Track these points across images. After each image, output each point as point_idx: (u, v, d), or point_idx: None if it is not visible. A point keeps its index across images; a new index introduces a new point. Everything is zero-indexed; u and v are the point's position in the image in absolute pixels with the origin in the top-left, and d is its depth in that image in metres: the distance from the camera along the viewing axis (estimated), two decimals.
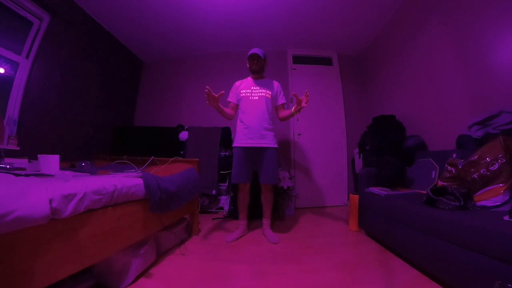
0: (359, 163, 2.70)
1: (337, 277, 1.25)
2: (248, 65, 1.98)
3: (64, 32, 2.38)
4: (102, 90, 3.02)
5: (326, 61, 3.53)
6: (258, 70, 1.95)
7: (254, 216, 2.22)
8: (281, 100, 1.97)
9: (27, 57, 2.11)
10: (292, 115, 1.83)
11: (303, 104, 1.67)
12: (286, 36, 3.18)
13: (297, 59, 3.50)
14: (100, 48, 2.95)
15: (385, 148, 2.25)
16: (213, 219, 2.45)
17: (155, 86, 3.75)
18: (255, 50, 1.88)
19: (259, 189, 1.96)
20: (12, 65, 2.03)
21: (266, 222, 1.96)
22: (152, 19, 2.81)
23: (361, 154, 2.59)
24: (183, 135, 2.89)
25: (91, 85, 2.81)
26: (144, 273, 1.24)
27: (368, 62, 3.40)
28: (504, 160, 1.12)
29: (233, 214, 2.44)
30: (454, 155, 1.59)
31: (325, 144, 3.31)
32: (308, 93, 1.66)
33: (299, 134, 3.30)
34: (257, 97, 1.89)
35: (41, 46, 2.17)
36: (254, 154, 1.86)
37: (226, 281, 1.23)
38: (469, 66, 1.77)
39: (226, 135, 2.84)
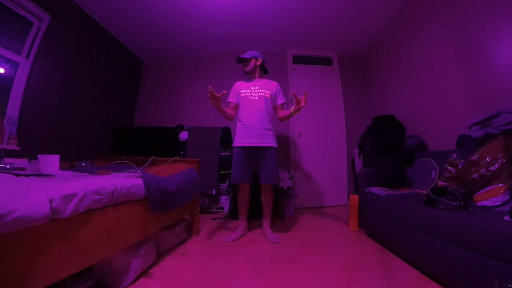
0: (359, 163, 2.70)
1: (337, 277, 1.25)
2: None
3: (64, 32, 2.38)
4: (102, 90, 3.02)
5: (326, 61, 3.53)
6: (250, 71, 1.96)
7: (254, 216, 2.22)
8: (280, 100, 1.97)
9: (27, 57, 2.11)
10: (291, 115, 1.83)
11: (302, 103, 1.68)
12: (286, 36, 3.18)
13: (297, 59, 3.50)
14: (100, 48, 2.95)
15: (385, 148, 2.25)
16: (213, 219, 2.45)
17: (155, 86, 3.75)
18: (240, 55, 1.96)
19: (259, 189, 1.96)
20: (12, 65, 2.03)
21: (266, 222, 1.96)
22: (152, 19, 2.81)
23: (361, 154, 2.59)
24: (183, 135, 2.89)
25: (91, 85, 2.81)
26: (144, 273, 1.24)
27: (368, 62, 3.40)
28: (504, 160, 1.12)
29: (233, 214, 2.44)
30: (454, 155, 1.59)
31: (325, 144, 3.31)
32: (306, 92, 1.67)
33: (299, 134, 3.30)
34: (256, 97, 1.89)
35: (41, 46, 2.17)
36: (253, 154, 1.86)
37: (226, 281, 1.23)
38: (469, 66, 1.76)
39: (226, 135, 2.84)
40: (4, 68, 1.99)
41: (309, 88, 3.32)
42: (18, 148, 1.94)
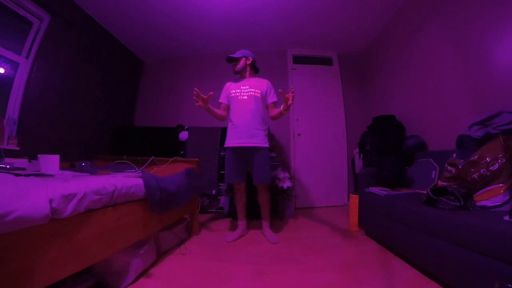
0: (359, 163, 2.70)
1: (337, 277, 1.25)
2: None
3: (64, 32, 2.38)
4: (102, 90, 3.01)
5: (326, 61, 3.53)
6: (240, 70, 1.94)
7: (254, 216, 2.22)
8: (272, 99, 1.92)
9: (27, 57, 2.11)
10: (281, 113, 1.79)
11: (290, 101, 1.65)
12: (286, 36, 3.18)
13: (297, 59, 3.50)
14: (100, 48, 2.95)
15: (385, 148, 2.24)
16: (213, 219, 2.45)
17: (155, 86, 3.75)
18: (229, 55, 1.94)
19: (256, 189, 1.94)
20: (12, 65, 2.03)
21: (265, 223, 1.95)
22: (152, 19, 2.81)
23: (361, 154, 2.59)
24: (183, 135, 2.89)
25: (91, 85, 2.81)
26: (144, 273, 1.24)
27: (368, 62, 3.40)
28: (504, 160, 1.12)
29: (232, 214, 2.44)
30: (454, 155, 1.59)
31: (325, 144, 3.31)
32: (293, 89, 1.65)
33: (299, 135, 3.30)
34: (246, 97, 1.85)
35: (41, 46, 2.17)
36: (244, 154, 1.84)
37: (226, 281, 1.23)
38: (469, 66, 1.76)
39: (226, 135, 2.83)
40: (4, 68, 1.99)
41: (309, 88, 3.38)
42: (18, 148, 1.94)
